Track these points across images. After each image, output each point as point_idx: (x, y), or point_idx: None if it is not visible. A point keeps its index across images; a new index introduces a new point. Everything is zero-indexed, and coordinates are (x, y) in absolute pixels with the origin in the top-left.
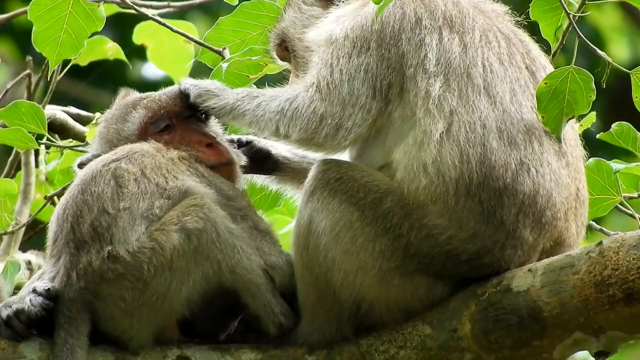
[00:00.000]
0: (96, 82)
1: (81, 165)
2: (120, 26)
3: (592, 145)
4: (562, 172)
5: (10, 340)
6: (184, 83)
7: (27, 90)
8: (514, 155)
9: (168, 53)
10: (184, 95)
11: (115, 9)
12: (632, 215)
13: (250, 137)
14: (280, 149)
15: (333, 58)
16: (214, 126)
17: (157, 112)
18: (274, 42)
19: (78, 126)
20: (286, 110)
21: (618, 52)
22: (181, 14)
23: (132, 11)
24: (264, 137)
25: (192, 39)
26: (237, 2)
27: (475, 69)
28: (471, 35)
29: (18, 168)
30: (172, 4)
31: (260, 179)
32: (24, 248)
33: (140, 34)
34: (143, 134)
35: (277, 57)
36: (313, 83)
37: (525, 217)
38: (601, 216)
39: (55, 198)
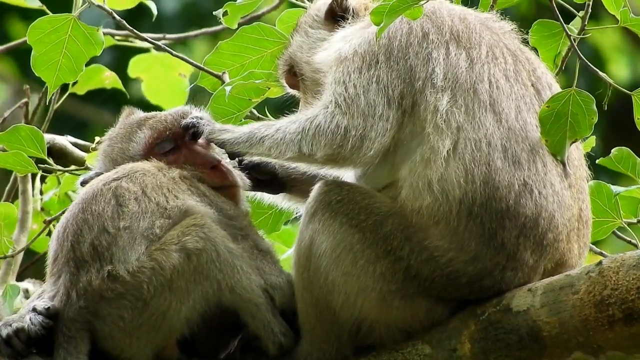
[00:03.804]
0: (94, 101)
1: (84, 183)
2: (117, 50)
3: (592, 167)
4: (565, 193)
5: (10, 359)
6: (197, 122)
7: (25, 118)
8: (518, 176)
9: (163, 86)
10: (189, 129)
11: (111, 41)
12: (631, 243)
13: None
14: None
15: (344, 75)
16: (219, 149)
17: (163, 133)
18: (282, 68)
19: (77, 151)
20: (308, 129)
21: (618, 71)
22: (180, 41)
23: (129, 43)
24: (286, 162)
25: (191, 63)
26: (237, 26)
27: (481, 85)
28: (477, 51)
29: (15, 196)
30: (168, 35)
31: (268, 198)
32: (21, 278)
33: (135, 68)
34: (148, 154)
35: (286, 85)
36: (331, 101)
37: (526, 239)
38: (601, 239)
39: (52, 226)
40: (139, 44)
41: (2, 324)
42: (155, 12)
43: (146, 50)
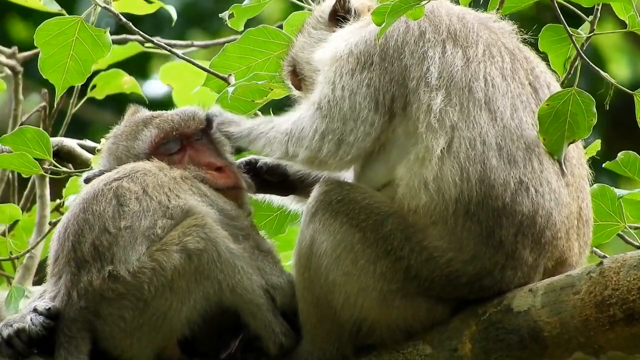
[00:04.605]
0: (96, 100)
1: (87, 181)
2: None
3: (595, 169)
4: (562, 191)
5: (11, 359)
6: (210, 110)
7: (43, 122)
8: (514, 174)
9: (193, 94)
10: (205, 120)
11: (139, 48)
12: (638, 247)
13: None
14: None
15: (336, 75)
16: (224, 150)
17: (169, 132)
18: (286, 69)
19: (85, 154)
20: (294, 131)
21: (618, 71)
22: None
23: (154, 50)
24: (277, 160)
25: (198, 66)
26: (243, 29)
27: (476, 83)
28: (474, 49)
29: (33, 201)
30: (195, 43)
31: (277, 199)
32: (39, 283)
33: (165, 75)
34: (153, 153)
35: (291, 86)
36: (315, 102)
37: (524, 237)
38: (604, 243)
39: None
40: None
41: (3, 325)
42: (175, 17)
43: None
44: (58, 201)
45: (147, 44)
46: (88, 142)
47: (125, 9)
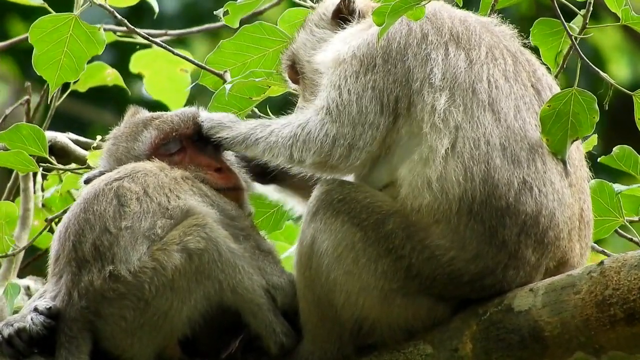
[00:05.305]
0: (96, 101)
1: (87, 181)
2: (118, 49)
3: (594, 166)
4: (565, 191)
5: (11, 358)
6: (199, 117)
7: (26, 115)
8: (517, 174)
9: (164, 82)
10: (197, 125)
11: (112, 37)
12: (632, 240)
13: None
14: None
15: (341, 79)
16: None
17: (169, 133)
18: (285, 63)
19: (79, 150)
20: (299, 136)
21: (618, 71)
22: (180, 40)
23: (130, 39)
24: (279, 165)
25: (193, 62)
26: (238, 25)
27: (480, 85)
28: (477, 52)
29: (17, 194)
30: (169, 32)
31: (259, 187)
32: (22, 274)
33: (137, 63)
34: (153, 154)
35: (288, 79)
36: (323, 106)
37: (527, 237)
38: (602, 238)
39: (53, 224)
40: (140, 40)
41: (3, 324)
42: (157, 9)
43: (148, 47)
44: (41, 193)
45: (118, 34)
46: (71, 135)
47: (112, 2)
